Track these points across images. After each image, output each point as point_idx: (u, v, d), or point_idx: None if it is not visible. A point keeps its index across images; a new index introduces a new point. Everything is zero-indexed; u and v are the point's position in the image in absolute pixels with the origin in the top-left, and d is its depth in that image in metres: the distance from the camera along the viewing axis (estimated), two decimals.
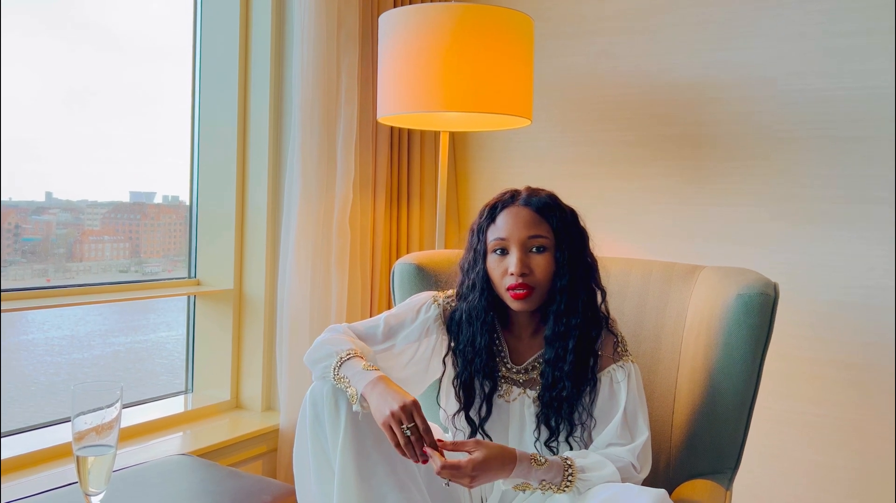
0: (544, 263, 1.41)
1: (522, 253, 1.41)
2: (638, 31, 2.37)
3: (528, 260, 1.41)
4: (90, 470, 1.11)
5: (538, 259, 1.41)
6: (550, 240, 1.42)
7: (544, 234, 1.42)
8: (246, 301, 2.35)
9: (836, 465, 2.11)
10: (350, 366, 1.35)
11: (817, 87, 2.13)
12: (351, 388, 1.32)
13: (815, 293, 2.13)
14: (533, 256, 1.42)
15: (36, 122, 2.05)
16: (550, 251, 1.42)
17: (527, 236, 1.41)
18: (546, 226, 1.42)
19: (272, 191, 2.30)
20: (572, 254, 1.42)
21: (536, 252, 1.42)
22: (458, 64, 1.88)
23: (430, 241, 2.56)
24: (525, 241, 1.42)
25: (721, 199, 2.27)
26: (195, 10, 2.39)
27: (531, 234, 1.41)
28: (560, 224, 1.42)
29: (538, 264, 1.41)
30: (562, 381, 1.41)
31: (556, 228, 1.42)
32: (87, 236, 2.29)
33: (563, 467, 1.29)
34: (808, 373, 2.15)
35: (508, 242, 1.43)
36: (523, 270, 1.40)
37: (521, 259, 1.40)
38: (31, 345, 2.29)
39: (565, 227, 1.43)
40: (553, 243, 1.42)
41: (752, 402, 1.54)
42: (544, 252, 1.42)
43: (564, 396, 1.41)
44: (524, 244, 1.42)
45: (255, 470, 2.18)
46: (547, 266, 1.41)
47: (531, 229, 1.42)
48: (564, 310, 1.42)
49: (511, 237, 1.42)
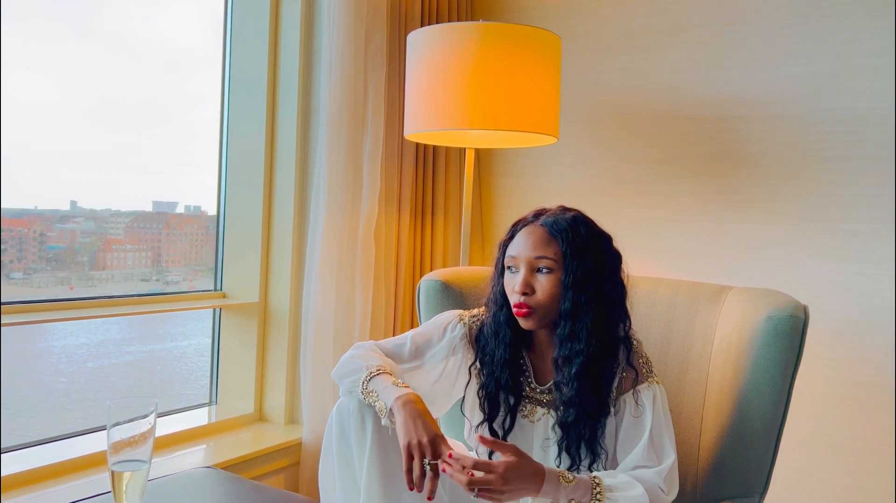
0: (548, 285, 1.40)
1: (528, 272, 1.41)
2: (665, 48, 2.37)
3: (532, 280, 1.41)
4: (126, 485, 1.12)
5: (542, 280, 1.40)
6: (558, 262, 1.40)
7: (551, 255, 1.40)
8: (271, 314, 2.37)
9: (866, 489, 2.08)
10: (379, 380, 1.35)
11: (847, 105, 2.11)
12: (379, 402, 1.33)
13: (844, 313, 2.11)
14: (538, 276, 1.41)
15: (62, 132, 2.08)
16: (557, 273, 1.40)
17: (533, 256, 1.41)
18: (555, 247, 1.40)
19: (298, 205, 2.32)
20: (581, 277, 1.38)
21: (542, 272, 1.41)
22: (485, 82, 1.89)
23: (455, 256, 2.57)
24: (531, 260, 1.41)
25: (749, 217, 2.25)
26: (225, 21, 2.42)
27: (538, 254, 1.40)
28: (570, 247, 1.39)
29: (541, 285, 1.40)
30: (569, 408, 1.40)
31: (564, 251, 1.40)
32: (110, 245, 2.32)
33: (591, 485, 1.28)
34: (838, 394, 2.12)
35: (517, 261, 1.43)
36: (524, 290, 1.40)
37: (525, 278, 1.40)
38: (50, 353, 2.32)
39: (577, 251, 1.39)
40: (560, 265, 1.40)
41: (781, 426, 1.53)
42: (549, 273, 1.40)
43: (571, 422, 1.39)
44: (531, 264, 1.41)
45: (277, 483, 2.18)
46: (550, 288, 1.39)
47: (538, 250, 1.41)
48: (567, 335, 1.40)
49: (520, 256, 1.42)
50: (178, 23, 2.36)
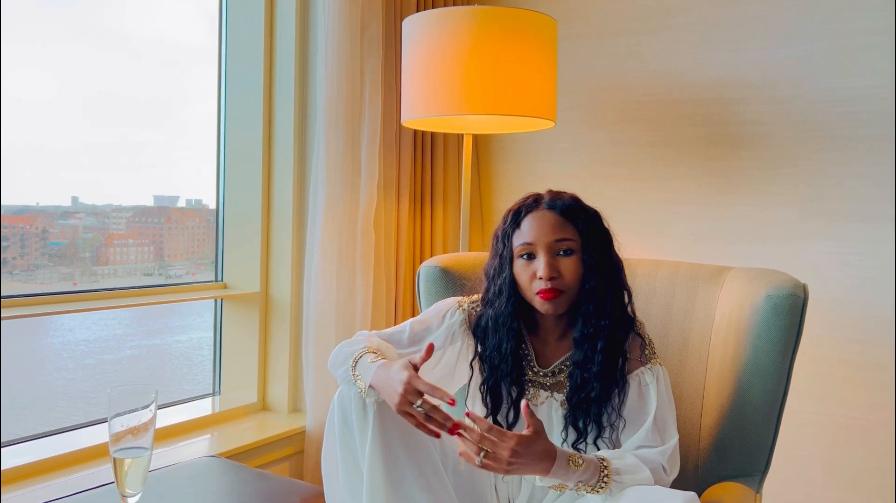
0: (572, 266, 1.41)
1: (550, 256, 1.41)
2: (662, 31, 2.36)
3: (556, 263, 1.41)
4: (127, 472, 1.12)
5: (566, 262, 1.41)
6: (577, 242, 1.42)
7: (570, 236, 1.42)
8: (272, 304, 2.37)
9: (868, 468, 2.09)
10: (362, 363, 1.37)
11: (845, 85, 2.11)
12: (360, 383, 1.35)
13: (844, 293, 2.11)
14: (561, 259, 1.42)
15: (62, 128, 2.09)
16: (577, 253, 1.42)
17: (553, 240, 1.41)
18: (572, 228, 1.42)
19: (297, 194, 2.32)
20: (599, 255, 1.42)
21: (564, 255, 1.42)
22: (482, 67, 1.88)
23: (454, 243, 2.57)
24: (552, 244, 1.41)
25: (748, 200, 2.25)
26: (220, 14, 2.41)
27: (558, 237, 1.41)
28: (585, 226, 1.42)
29: (566, 267, 1.41)
30: (591, 383, 1.41)
31: (581, 230, 1.42)
32: (112, 240, 2.32)
33: (600, 468, 1.29)
34: (839, 374, 2.12)
35: (535, 247, 1.42)
36: (552, 274, 1.40)
37: (548, 262, 1.40)
38: (52, 348, 2.32)
39: (591, 229, 1.43)
40: (580, 245, 1.42)
41: (781, 405, 1.53)
42: (571, 255, 1.42)
43: (593, 398, 1.40)
44: (551, 248, 1.42)
45: (282, 471, 2.19)
46: (575, 269, 1.41)
47: (557, 233, 1.41)
48: (594, 312, 1.42)
49: (538, 241, 1.42)
50: (175, 17, 2.36)
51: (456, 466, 1.44)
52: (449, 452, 1.44)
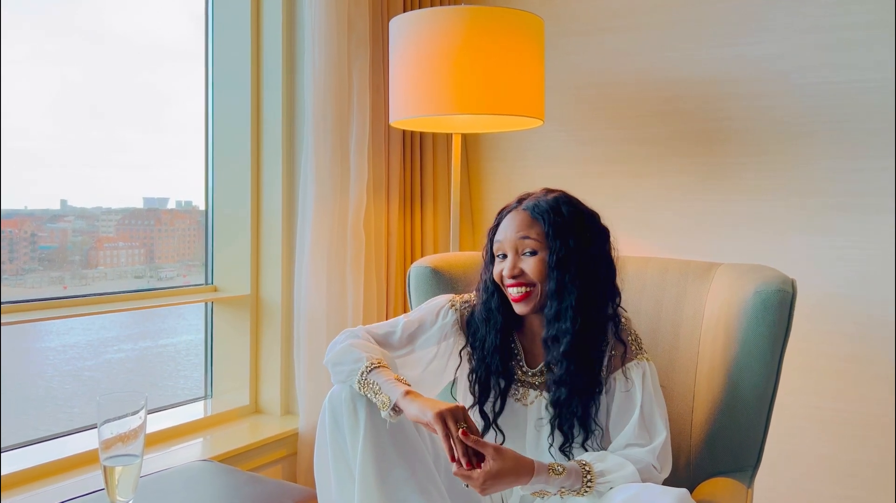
0: (535, 266, 1.41)
1: (516, 256, 1.43)
2: (648, 28, 2.37)
3: (519, 262, 1.42)
4: (118, 479, 1.12)
5: (529, 261, 1.42)
6: (541, 242, 1.42)
7: (533, 236, 1.42)
8: (263, 306, 2.37)
9: (859, 461, 2.10)
10: (381, 374, 1.35)
11: (832, 79, 2.11)
12: (382, 395, 1.31)
13: (833, 288, 2.12)
14: (525, 259, 1.43)
15: (49, 131, 2.07)
16: (541, 253, 1.42)
17: (517, 238, 1.43)
18: (538, 228, 1.42)
19: (286, 195, 2.31)
20: (564, 257, 1.40)
21: (529, 255, 1.42)
22: (469, 66, 1.88)
23: (445, 243, 2.57)
24: (516, 243, 1.43)
25: (736, 195, 2.26)
26: (206, 14, 2.40)
27: (521, 236, 1.43)
28: (551, 227, 1.41)
29: (529, 267, 1.42)
30: (560, 386, 1.41)
31: (546, 231, 1.42)
32: (102, 243, 2.31)
33: (582, 474, 1.29)
34: (828, 368, 2.13)
35: (504, 246, 1.45)
36: (513, 272, 1.42)
37: (512, 262, 1.43)
38: (45, 352, 2.31)
39: (557, 230, 1.41)
40: (544, 246, 1.42)
41: (771, 400, 1.54)
42: (535, 255, 1.42)
43: (563, 401, 1.40)
44: (516, 247, 1.43)
45: (275, 474, 2.19)
46: (539, 269, 1.41)
47: (521, 232, 1.43)
48: (554, 315, 1.41)
49: (505, 241, 1.45)
50: (161, 17, 2.35)
51: (448, 466, 1.44)
52: (440, 452, 1.43)
